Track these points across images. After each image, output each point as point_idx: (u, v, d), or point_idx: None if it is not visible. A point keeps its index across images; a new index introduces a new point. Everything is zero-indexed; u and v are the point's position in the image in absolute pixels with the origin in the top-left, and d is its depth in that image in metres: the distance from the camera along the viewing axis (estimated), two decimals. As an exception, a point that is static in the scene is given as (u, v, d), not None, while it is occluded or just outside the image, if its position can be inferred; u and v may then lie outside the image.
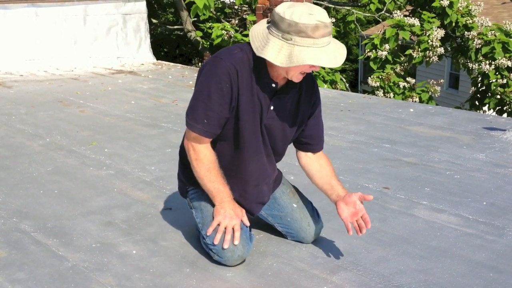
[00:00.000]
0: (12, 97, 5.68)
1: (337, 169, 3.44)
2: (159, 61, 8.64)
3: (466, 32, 8.46)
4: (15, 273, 2.15)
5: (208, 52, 10.39)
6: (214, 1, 8.92)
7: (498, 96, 8.18)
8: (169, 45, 17.30)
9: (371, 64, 8.33)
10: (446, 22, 8.52)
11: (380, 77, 8.13)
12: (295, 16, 1.92)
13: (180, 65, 8.55)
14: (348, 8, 10.33)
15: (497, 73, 8.10)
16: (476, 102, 8.83)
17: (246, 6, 10.15)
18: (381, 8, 9.29)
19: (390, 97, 7.84)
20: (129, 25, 8.31)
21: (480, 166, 3.53)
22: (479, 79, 8.58)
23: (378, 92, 8.05)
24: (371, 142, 4.09)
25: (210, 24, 9.30)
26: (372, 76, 8.22)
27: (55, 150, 3.80)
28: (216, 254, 2.18)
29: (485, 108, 8.82)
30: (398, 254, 2.34)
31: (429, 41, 8.02)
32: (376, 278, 2.14)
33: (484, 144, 4.05)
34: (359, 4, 10.08)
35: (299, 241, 2.42)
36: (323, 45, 1.94)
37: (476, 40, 8.26)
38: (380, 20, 9.59)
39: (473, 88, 8.85)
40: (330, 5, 10.35)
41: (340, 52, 2.02)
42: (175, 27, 12.99)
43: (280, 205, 2.41)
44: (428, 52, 8.07)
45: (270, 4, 5.79)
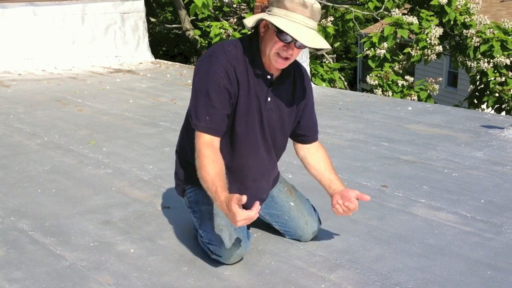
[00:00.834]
0: (10, 96, 5.67)
1: (336, 168, 3.43)
2: (158, 60, 8.63)
3: (464, 30, 8.46)
4: (12, 272, 2.15)
5: (206, 50, 10.38)
6: (213, -1, 8.92)
7: (497, 94, 8.18)
8: (167, 43, 17.30)
9: (370, 62, 8.33)
10: (444, 20, 8.52)
11: (379, 75, 8.12)
12: None
13: (179, 63, 8.54)
14: (346, 6, 10.33)
15: (496, 71, 8.10)
16: (475, 100, 8.83)
17: (245, 4, 10.15)
18: (379, 6, 9.29)
19: (388, 96, 7.84)
20: (127, 24, 8.30)
21: (478, 164, 3.53)
22: (478, 77, 8.57)
23: (377, 90, 8.05)
24: (370, 140, 4.09)
25: (208, 22, 9.30)
26: (370, 75, 8.22)
27: (53, 149, 3.79)
28: (214, 252, 2.18)
29: (484, 106, 8.82)
30: (396, 252, 2.34)
31: (428, 39, 8.02)
32: (374, 276, 2.14)
33: (482, 142, 4.05)
34: (358, 2, 10.08)
35: (296, 239, 2.42)
36: (295, 20, 1.96)
37: (474, 38, 8.26)
38: (379, 18, 9.58)
39: (472, 86, 8.85)
40: (328, 3, 10.35)
41: (313, 37, 1.98)
42: (174, 25, 12.98)
43: (277, 204, 2.41)
44: (426, 50, 8.07)
45: (268, 3, 5.79)
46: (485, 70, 8.11)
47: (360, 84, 19.23)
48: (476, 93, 8.77)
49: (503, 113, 8.21)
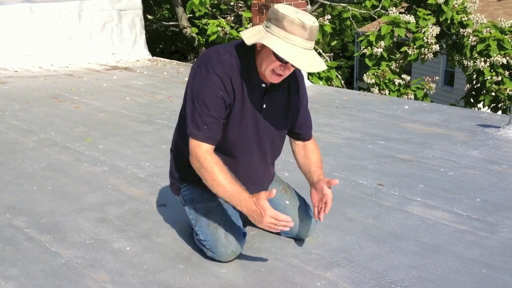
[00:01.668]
0: (6, 93, 5.65)
1: (332, 166, 3.46)
2: (155, 57, 8.61)
3: (461, 29, 8.46)
4: (8, 269, 2.15)
5: (203, 48, 10.37)
6: (210, -3, 8.92)
7: (493, 93, 8.19)
8: (164, 41, 17.26)
9: (367, 61, 8.33)
10: (441, 19, 8.52)
11: (376, 74, 8.13)
12: (282, 8, 1.96)
13: (176, 61, 8.53)
14: (343, 5, 10.33)
15: (492, 70, 8.10)
16: (471, 99, 8.84)
17: (242, 2, 10.14)
18: (377, 5, 9.28)
19: (385, 94, 7.84)
20: (124, 21, 8.28)
21: (474, 163, 3.54)
22: (474, 76, 8.58)
23: (374, 89, 8.05)
24: (366, 139, 4.10)
25: (205, 20, 9.28)
26: (367, 73, 8.22)
27: (49, 146, 3.79)
28: (209, 250, 2.19)
29: (480, 105, 8.83)
30: (391, 251, 2.35)
31: (425, 38, 8.02)
32: (369, 274, 2.15)
33: (478, 141, 4.06)
34: (355, 1, 10.07)
35: (292, 237, 2.42)
36: (294, 43, 1.94)
37: (471, 37, 8.26)
38: (376, 17, 9.57)
39: (468, 85, 8.86)
40: (326, 2, 10.35)
41: (310, 60, 1.97)
42: (171, 23, 12.96)
43: (273, 202, 2.40)
44: (423, 49, 8.07)
45: (265, 1, 5.78)
46: (481, 69, 8.11)
47: (357, 82, 19.25)
48: (473, 92, 8.78)
49: (499, 112, 8.22)
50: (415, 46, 8.12)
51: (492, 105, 8.37)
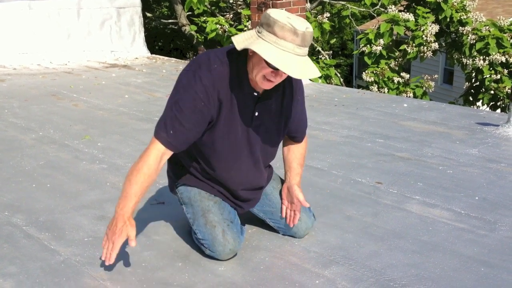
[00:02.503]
0: (5, 90, 5.65)
1: (330, 164, 3.46)
2: (153, 55, 8.61)
3: (460, 28, 8.47)
4: (6, 267, 2.15)
5: (202, 46, 10.36)
6: (209, -5, 8.91)
7: (492, 92, 8.20)
8: (163, 39, 17.26)
9: (366, 59, 8.33)
10: (440, 17, 8.52)
11: (375, 72, 8.13)
12: (274, 12, 1.91)
13: (175, 59, 8.52)
14: (343, 2, 10.33)
15: (491, 68, 8.11)
16: (470, 98, 8.85)
17: (241, 0, 10.13)
18: (376, 3, 9.28)
19: (384, 92, 7.84)
20: (123, 18, 8.27)
21: (472, 161, 3.54)
22: (473, 74, 8.59)
23: (373, 87, 8.05)
24: (365, 137, 4.10)
25: (204, 18, 9.27)
26: (366, 71, 8.22)
27: (48, 144, 3.78)
28: (207, 248, 2.19)
29: (479, 103, 8.85)
30: (390, 249, 2.35)
31: (424, 36, 8.02)
32: (368, 272, 2.15)
33: (477, 139, 4.06)
34: (354, -2, 10.08)
35: (291, 235, 2.42)
36: (285, 49, 1.88)
37: (470, 35, 8.26)
38: (375, 15, 9.58)
39: (467, 83, 8.87)
40: (325, 0, 10.34)
41: (301, 67, 1.90)
42: (170, 21, 12.95)
43: (271, 201, 2.41)
44: (422, 47, 8.08)
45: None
46: (480, 67, 8.12)
47: (356, 80, 19.25)
48: (472, 91, 8.79)
49: (498, 110, 8.23)
50: (414, 44, 8.12)
51: (491, 103, 8.38)
